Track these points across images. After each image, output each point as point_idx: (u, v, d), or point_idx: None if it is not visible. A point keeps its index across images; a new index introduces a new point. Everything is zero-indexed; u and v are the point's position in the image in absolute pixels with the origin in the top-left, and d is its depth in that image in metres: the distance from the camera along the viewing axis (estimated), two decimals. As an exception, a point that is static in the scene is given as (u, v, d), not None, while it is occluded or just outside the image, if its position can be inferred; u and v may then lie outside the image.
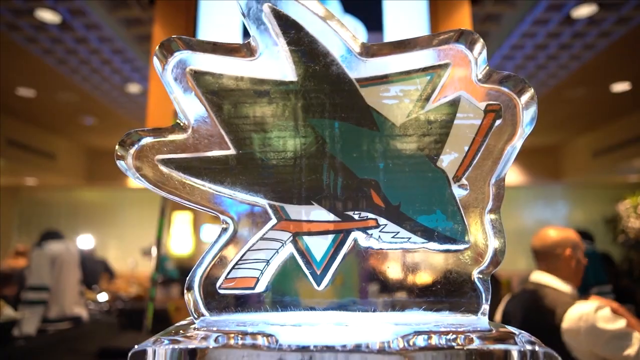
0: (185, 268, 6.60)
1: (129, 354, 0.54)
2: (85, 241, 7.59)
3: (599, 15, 3.79)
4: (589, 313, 1.77)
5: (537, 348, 0.53)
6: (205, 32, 2.51)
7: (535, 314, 1.96)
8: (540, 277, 2.08)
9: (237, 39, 2.48)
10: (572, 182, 10.03)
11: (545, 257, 2.13)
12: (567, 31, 4.06)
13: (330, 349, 0.53)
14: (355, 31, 2.22)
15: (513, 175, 10.07)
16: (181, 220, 9.20)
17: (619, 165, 8.29)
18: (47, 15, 3.79)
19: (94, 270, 5.20)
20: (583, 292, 3.68)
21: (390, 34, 2.20)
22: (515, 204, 10.95)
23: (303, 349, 0.52)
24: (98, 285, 5.08)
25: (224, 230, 0.63)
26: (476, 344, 0.54)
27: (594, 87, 5.95)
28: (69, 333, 3.39)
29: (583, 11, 3.73)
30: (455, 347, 0.54)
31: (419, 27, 2.23)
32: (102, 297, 4.47)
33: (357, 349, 0.53)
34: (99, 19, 3.88)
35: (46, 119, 7.21)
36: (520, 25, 3.93)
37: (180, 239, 9.08)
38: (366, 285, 0.62)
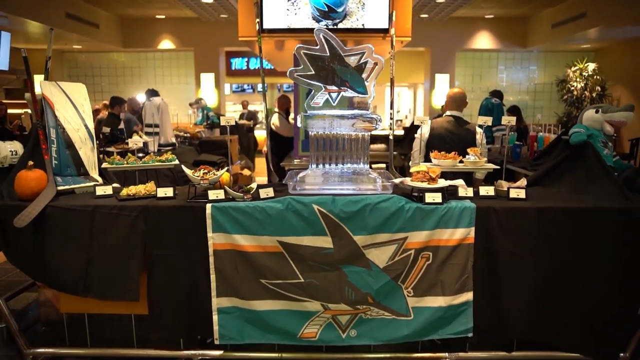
0: (220, 115, 8.68)
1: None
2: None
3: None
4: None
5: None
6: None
7: (467, 129, 3.86)
8: (458, 112, 4.07)
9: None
10: (535, 49, 11.65)
11: (460, 103, 4.10)
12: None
13: (331, 116, 2.62)
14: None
15: (488, 42, 11.64)
16: (206, 79, 11.03)
17: (574, 35, 9.86)
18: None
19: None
20: (488, 130, 5.90)
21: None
22: (488, 65, 12.73)
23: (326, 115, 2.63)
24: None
25: (311, 91, 2.67)
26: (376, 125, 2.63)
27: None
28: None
29: None
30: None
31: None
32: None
33: (341, 116, 2.62)
34: None
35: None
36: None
37: (207, 93, 10.99)
38: (349, 105, 2.70)
